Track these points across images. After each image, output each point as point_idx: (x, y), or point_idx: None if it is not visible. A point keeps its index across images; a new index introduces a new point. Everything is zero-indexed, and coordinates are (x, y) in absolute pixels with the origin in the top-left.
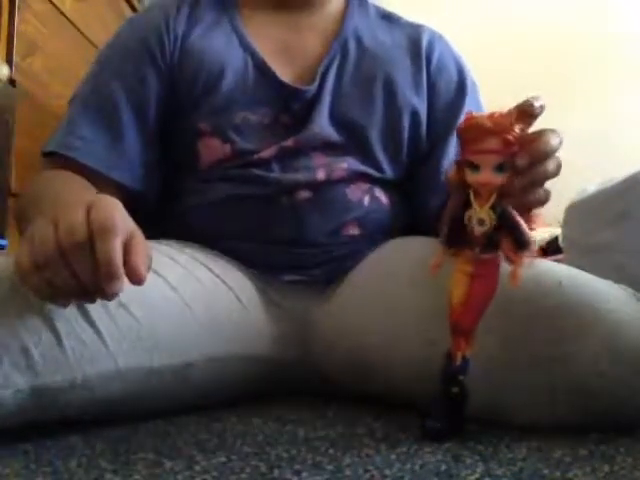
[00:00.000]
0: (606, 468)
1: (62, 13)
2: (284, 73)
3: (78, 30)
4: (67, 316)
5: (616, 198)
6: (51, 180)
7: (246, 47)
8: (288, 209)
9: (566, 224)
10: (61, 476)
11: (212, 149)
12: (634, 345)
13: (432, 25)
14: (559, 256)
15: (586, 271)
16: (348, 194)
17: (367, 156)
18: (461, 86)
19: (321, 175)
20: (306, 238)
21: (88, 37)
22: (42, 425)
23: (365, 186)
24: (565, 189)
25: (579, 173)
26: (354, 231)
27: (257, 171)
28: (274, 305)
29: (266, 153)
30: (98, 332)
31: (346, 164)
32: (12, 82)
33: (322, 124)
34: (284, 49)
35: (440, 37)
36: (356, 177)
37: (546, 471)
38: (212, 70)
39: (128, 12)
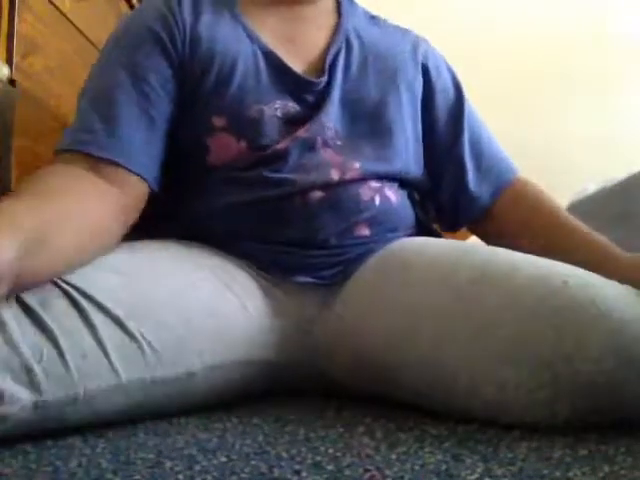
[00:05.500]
0: (606, 468)
1: (62, 13)
2: (293, 65)
3: (78, 30)
4: (70, 330)
5: (616, 198)
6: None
7: (253, 38)
8: (301, 210)
9: None
10: (61, 476)
11: (225, 147)
12: (637, 345)
13: (431, 24)
14: None
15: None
16: (361, 194)
17: (376, 149)
18: (458, 91)
19: (335, 175)
20: (318, 239)
21: (88, 37)
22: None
23: (376, 185)
24: (565, 189)
25: (579, 173)
26: (365, 232)
27: (271, 173)
28: (281, 308)
29: (280, 145)
30: (102, 346)
31: (358, 163)
32: (12, 82)
33: (333, 113)
34: (287, 41)
35: (433, 48)
36: (368, 178)
37: (546, 471)
38: (225, 60)
39: (128, 12)
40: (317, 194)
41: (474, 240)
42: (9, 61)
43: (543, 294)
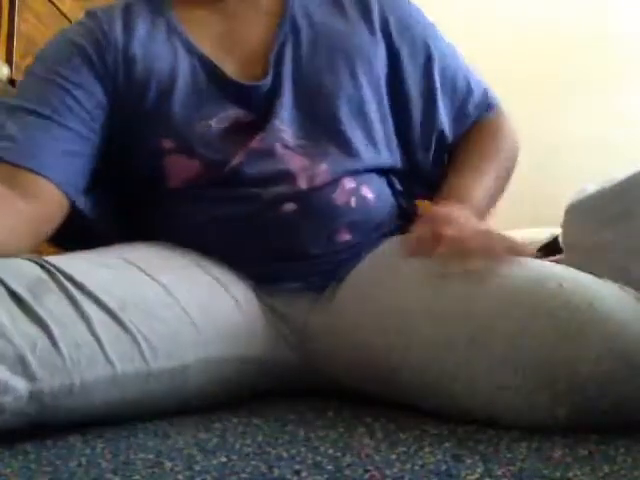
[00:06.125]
0: (606, 468)
1: (62, 13)
2: (234, 70)
3: None
4: (64, 321)
5: (616, 198)
6: None
7: (190, 48)
8: (275, 224)
9: (566, 224)
10: (61, 476)
11: (180, 167)
12: (636, 346)
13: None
14: (559, 256)
15: (586, 272)
16: (335, 199)
17: (341, 142)
18: (426, 45)
19: (303, 184)
20: (299, 250)
21: None
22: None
23: (350, 186)
24: (565, 189)
25: (579, 173)
26: (346, 237)
27: (233, 190)
28: (273, 309)
29: (236, 160)
30: (96, 338)
31: (325, 165)
32: (12, 82)
33: (286, 114)
34: (228, 42)
35: None
36: (339, 178)
37: (546, 471)
38: (162, 78)
39: None
40: (289, 206)
41: None
42: (9, 61)
43: (541, 296)
